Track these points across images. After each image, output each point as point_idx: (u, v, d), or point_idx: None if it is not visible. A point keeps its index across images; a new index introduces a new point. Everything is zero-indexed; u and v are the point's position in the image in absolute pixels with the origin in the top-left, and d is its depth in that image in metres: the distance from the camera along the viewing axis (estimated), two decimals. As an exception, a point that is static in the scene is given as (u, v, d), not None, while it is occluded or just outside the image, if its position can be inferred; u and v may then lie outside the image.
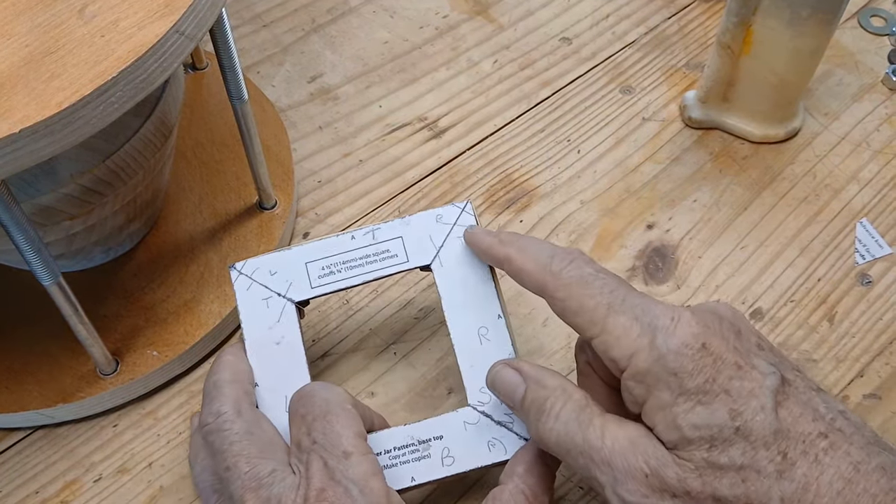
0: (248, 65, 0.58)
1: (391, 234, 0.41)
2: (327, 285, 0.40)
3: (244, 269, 0.41)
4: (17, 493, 0.42)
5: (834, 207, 0.51)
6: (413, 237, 0.41)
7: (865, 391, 0.44)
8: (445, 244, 0.41)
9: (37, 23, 0.33)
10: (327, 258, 0.41)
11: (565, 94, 0.57)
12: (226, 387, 0.37)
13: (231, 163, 0.51)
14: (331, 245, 0.41)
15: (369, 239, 0.41)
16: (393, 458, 0.37)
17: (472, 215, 0.41)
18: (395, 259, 0.41)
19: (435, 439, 0.38)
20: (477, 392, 0.38)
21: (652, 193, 0.52)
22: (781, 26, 0.47)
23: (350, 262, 0.41)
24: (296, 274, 0.40)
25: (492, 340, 0.39)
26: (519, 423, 0.38)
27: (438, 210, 0.41)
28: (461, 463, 0.37)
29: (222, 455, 0.36)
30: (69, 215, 0.39)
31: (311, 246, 0.41)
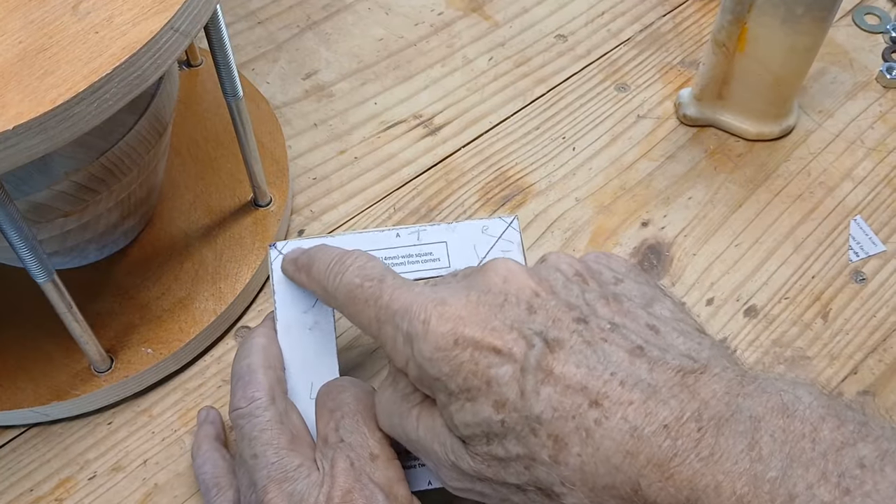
0: (242, 62, 0.58)
1: (437, 237, 0.41)
2: None
3: (284, 249, 0.40)
4: (11, 491, 0.42)
5: (828, 205, 0.51)
6: (457, 244, 0.41)
7: (859, 388, 0.45)
8: (489, 255, 0.40)
9: (30, 19, 0.32)
10: (371, 251, 0.40)
11: (560, 92, 0.57)
12: (260, 372, 0.37)
13: (226, 160, 0.51)
14: (375, 238, 0.41)
15: (414, 239, 0.41)
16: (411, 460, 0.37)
17: (517, 231, 0.41)
18: (437, 262, 0.40)
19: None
20: None
21: (647, 191, 0.52)
22: (776, 24, 0.48)
23: (393, 258, 0.40)
24: None
25: None
26: None
27: (485, 221, 0.41)
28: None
29: (251, 442, 0.35)
30: (63, 212, 0.39)
31: (354, 236, 0.40)
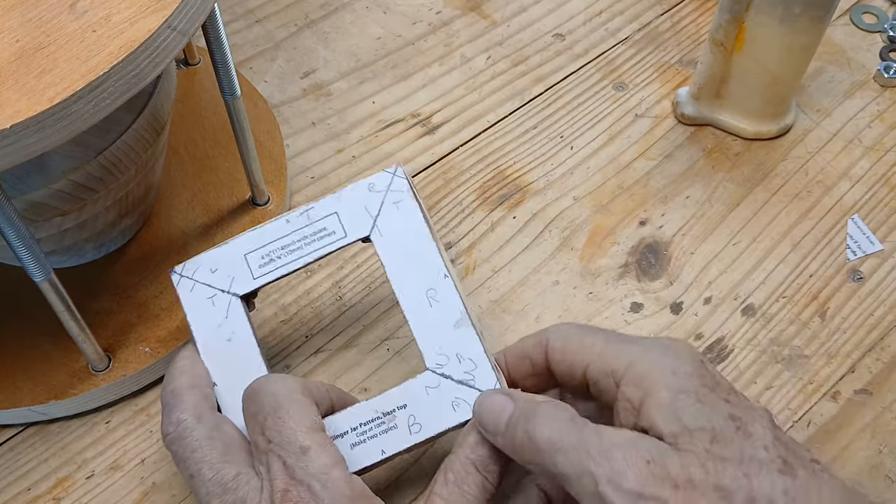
0: (240, 60, 0.58)
1: (325, 211, 0.40)
2: (269, 273, 0.40)
3: (184, 272, 0.40)
4: (9, 489, 0.42)
5: (826, 204, 0.51)
6: (348, 211, 0.40)
7: (856, 386, 0.45)
8: (381, 213, 0.40)
9: (28, 17, 0.32)
10: (265, 246, 0.40)
11: (558, 91, 0.57)
12: (185, 393, 0.37)
13: (223, 159, 0.51)
14: (267, 232, 0.40)
15: (304, 220, 0.40)
16: (361, 435, 0.37)
17: (404, 179, 0.40)
18: (333, 236, 0.40)
19: (399, 409, 0.37)
20: (434, 355, 0.38)
21: (645, 190, 0.52)
22: (774, 23, 0.48)
23: (288, 246, 0.40)
24: (236, 267, 0.40)
25: (440, 301, 0.39)
26: (481, 377, 0.38)
27: (370, 179, 0.40)
28: (428, 428, 0.37)
29: (185, 463, 0.36)
30: (61, 211, 0.39)
31: (247, 236, 0.40)
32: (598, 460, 0.31)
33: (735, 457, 0.31)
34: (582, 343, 0.36)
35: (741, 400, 0.33)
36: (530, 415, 0.34)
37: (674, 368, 0.33)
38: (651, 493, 0.30)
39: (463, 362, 0.38)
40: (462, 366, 0.38)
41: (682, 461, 0.31)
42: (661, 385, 0.32)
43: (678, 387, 0.32)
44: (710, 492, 0.30)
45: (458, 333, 0.38)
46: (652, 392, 0.32)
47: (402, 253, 0.40)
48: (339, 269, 0.49)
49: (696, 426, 0.31)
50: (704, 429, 0.31)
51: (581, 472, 0.32)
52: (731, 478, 0.30)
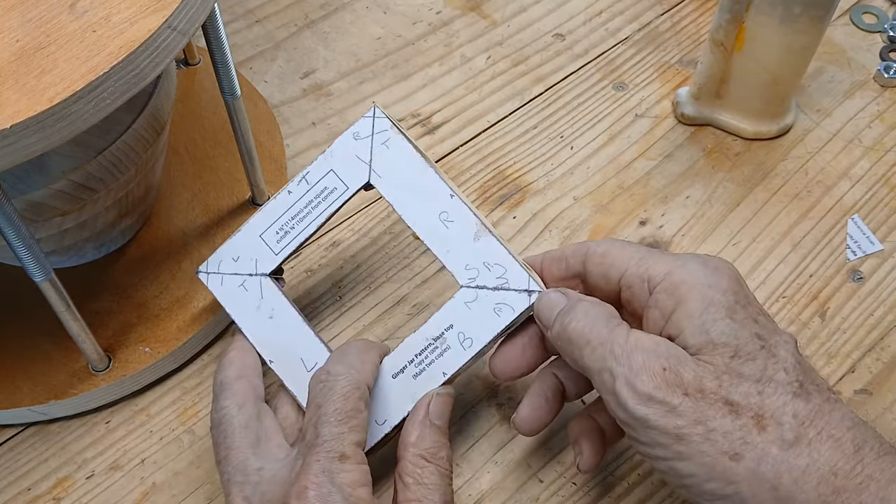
0: (240, 60, 0.58)
1: (321, 171, 0.41)
2: (289, 245, 0.41)
3: (209, 269, 0.42)
4: (9, 489, 0.42)
5: (826, 204, 0.51)
6: (342, 164, 0.41)
7: (857, 386, 0.45)
8: (374, 157, 0.41)
9: (28, 17, 0.32)
10: (276, 221, 0.42)
11: (558, 91, 0.57)
12: (232, 384, 0.39)
13: (223, 159, 0.51)
14: (274, 208, 0.42)
15: (304, 186, 0.41)
16: (419, 365, 0.39)
17: (384, 118, 0.41)
18: (336, 192, 0.41)
19: (447, 330, 0.39)
20: (463, 272, 0.39)
21: (645, 190, 0.52)
22: (774, 23, 0.48)
23: (298, 214, 0.41)
24: (256, 249, 0.41)
25: (454, 220, 0.40)
26: (514, 278, 0.39)
27: (353, 128, 0.41)
28: (480, 340, 0.39)
29: (218, 447, 0.37)
30: (61, 211, 0.39)
31: (256, 218, 0.42)
32: (620, 359, 0.33)
33: (752, 374, 0.32)
34: (623, 251, 0.37)
35: (770, 323, 0.34)
36: (570, 308, 0.36)
37: (710, 282, 0.34)
38: (661, 398, 0.32)
39: (493, 269, 0.39)
40: (493, 272, 0.39)
41: (698, 371, 0.32)
42: (694, 295, 0.33)
43: (711, 299, 0.33)
44: (719, 403, 0.31)
45: (480, 245, 0.39)
46: (684, 301, 0.34)
47: (405, 187, 0.40)
48: (339, 269, 0.49)
49: (720, 340, 0.32)
50: (728, 344, 0.32)
51: (602, 367, 0.34)
52: (742, 394, 0.31)
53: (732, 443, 0.31)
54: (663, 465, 0.32)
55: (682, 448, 0.31)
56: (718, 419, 0.31)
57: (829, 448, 0.31)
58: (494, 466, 0.42)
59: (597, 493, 0.41)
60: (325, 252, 0.50)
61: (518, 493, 0.41)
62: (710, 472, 0.31)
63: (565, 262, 0.39)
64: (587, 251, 0.38)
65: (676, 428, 0.31)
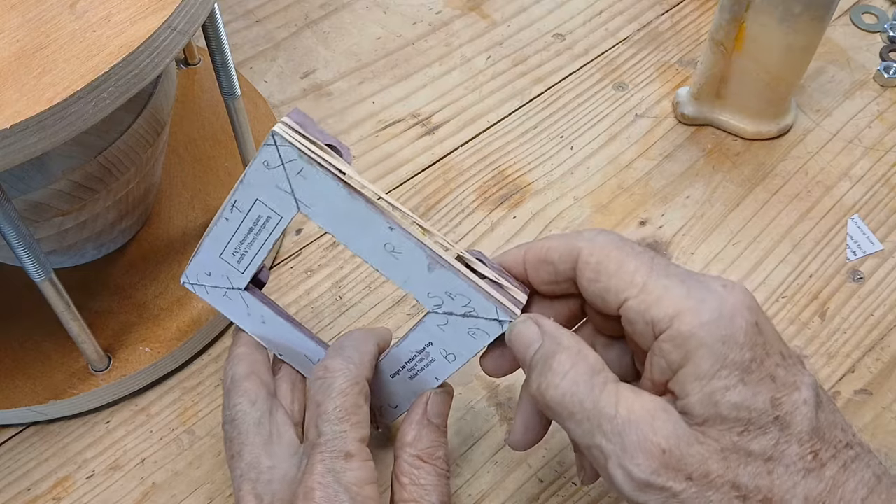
0: (240, 60, 0.58)
1: (248, 200, 0.37)
2: (251, 264, 0.39)
3: (189, 280, 0.40)
4: (9, 489, 0.42)
5: (826, 204, 0.51)
6: (265, 194, 0.37)
7: (856, 387, 0.45)
8: (294, 187, 0.36)
9: (28, 17, 0.32)
10: (227, 245, 0.38)
11: (558, 91, 0.57)
12: (243, 381, 0.38)
13: (223, 159, 0.51)
14: (219, 234, 0.38)
15: (238, 214, 0.37)
16: (412, 370, 0.39)
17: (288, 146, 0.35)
18: (271, 221, 0.37)
19: (428, 346, 0.38)
20: (427, 299, 0.37)
21: (645, 190, 0.52)
22: (773, 23, 0.48)
23: (246, 238, 0.38)
24: (222, 268, 0.39)
25: (402, 252, 0.36)
26: (481, 308, 0.36)
27: (261, 155, 0.36)
28: (462, 356, 0.38)
29: (231, 443, 0.37)
30: (61, 211, 0.39)
31: (207, 242, 0.39)
32: (610, 437, 0.29)
33: (763, 453, 0.29)
34: (621, 267, 0.31)
35: (790, 369, 0.30)
36: (545, 366, 0.31)
37: (724, 336, 0.29)
38: (661, 484, 0.29)
39: (456, 299, 0.36)
40: (457, 301, 0.36)
41: (703, 453, 0.29)
42: (704, 354, 0.29)
43: (724, 360, 0.29)
44: (725, 487, 0.29)
45: (435, 276, 0.36)
46: (693, 359, 0.29)
47: (338, 218, 0.36)
48: (339, 269, 0.49)
49: (731, 415, 0.29)
50: (739, 419, 0.29)
51: (591, 444, 0.30)
52: (750, 475, 0.28)
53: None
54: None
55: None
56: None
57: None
58: (494, 466, 0.42)
59: (597, 493, 0.41)
60: (325, 252, 0.50)
61: (518, 493, 0.41)
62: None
63: (553, 266, 0.34)
64: (578, 259, 0.33)
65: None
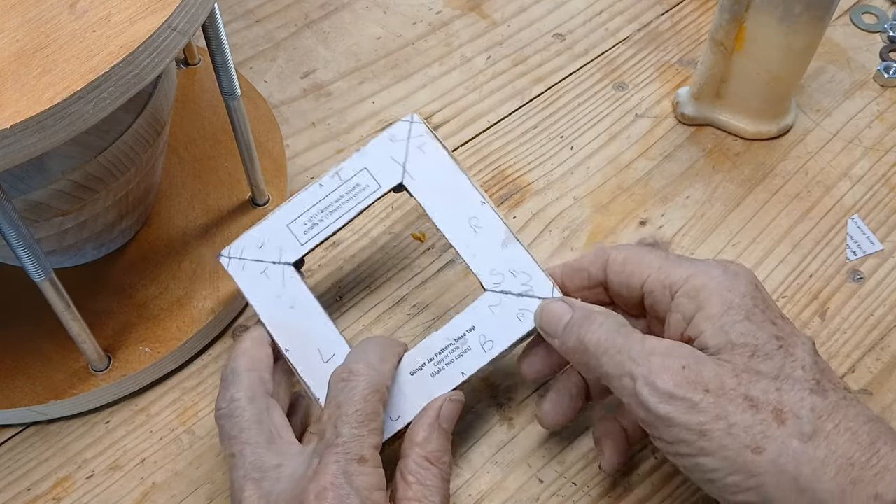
0: (240, 60, 0.58)
1: (355, 168, 0.42)
2: (315, 237, 0.42)
3: (232, 253, 0.42)
4: (9, 489, 0.42)
5: (826, 204, 0.51)
6: (376, 164, 0.42)
7: (857, 386, 0.45)
8: (408, 159, 0.42)
9: (28, 17, 0.32)
10: (305, 212, 0.42)
11: (558, 91, 0.57)
12: (242, 374, 0.38)
13: (223, 159, 0.51)
14: (304, 200, 0.42)
15: (337, 181, 0.42)
16: (438, 364, 0.39)
17: (421, 123, 0.43)
18: (367, 190, 0.42)
19: (469, 332, 0.40)
20: (488, 276, 0.41)
21: (645, 190, 0.52)
22: (773, 23, 0.48)
23: (327, 208, 0.42)
24: (282, 238, 0.41)
25: (483, 226, 0.41)
26: (538, 286, 0.40)
27: (390, 130, 0.42)
28: (500, 343, 0.40)
29: (230, 441, 0.37)
30: (60, 211, 0.39)
31: (285, 208, 0.42)
32: (639, 362, 0.34)
33: (771, 372, 0.33)
34: (642, 259, 0.38)
35: (788, 325, 0.35)
36: (584, 320, 0.37)
37: (729, 286, 0.35)
38: (682, 395, 0.33)
39: (518, 276, 0.40)
40: (518, 279, 0.40)
41: (718, 370, 0.33)
42: (714, 299, 0.35)
43: (730, 302, 0.35)
44: (739, 399, 0.32)
45: (507, 251, 0.41)
46: (705, 305, 0.35)
47: (437, 191, 0.42)
48: (339, 269, 0.49)
49: (739, 341, 0.34)
50: (747, 344, 0.34)
51: (622, 372, 0.35)
52: (761, 390, 0.33)
53: (754, 437, 0.32)
54: (687, 461, 0.33)
55: (704, 444, 0.32)
56: (739, 414, 0.32)
57: (846, 440, 0.32)
58: (494, 466, 0.42)
59: (597, 494, 0.41)
60: (325, 252, 0.50)
61: (518, 493, 0.41)
62: (732, 465, 0.32)
63: (586, 272, 0.40)
64: (607, 260, 0.39)
65: (699, 424, 0.32)
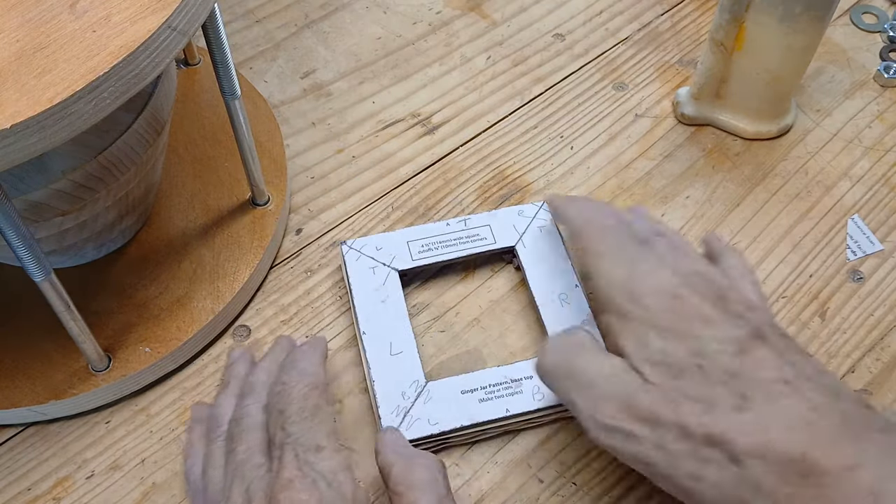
0: (240, 60, 0.58)
1: (480, 222, 0.48)
2: (426, 259, 0.47)
3: (354, 245, 0.47)
4: (9, 489, 0.42)
5: (826, 204, 0.51)
6: (499, 225, 0.48)
7: (857, 387, 0.45)
8: (527, 232, 0.48)
9: (28, 17, 0.32)
10: (426, 238, 0.47)
11: (558, 91, 0.57)
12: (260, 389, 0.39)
13: (223, 159, 0.51)
14: (430, 229, 0.48)
15: (462, 226, 0.48)
16: (489, 393, 0.42)
17: (547, 212, 0.48)
18: (484, 241, 0.48)
19: (526, 378, 0.43)
20: None
21: (645, 190, 0.52)
22: (773, 23, 0.48)
23: (445, 242, 0.47)
24: (399, 249, 0.47)
25: (571, 304, 0.45)
26: None
27: (520, 206, 0.49)
28: (550, 398, 0.42)
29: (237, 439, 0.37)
30: (61, 211, 0.39)
31: (412, 229, 0.48)
32: (583, 392, 0.36)
33: (696, 393, 0.33)
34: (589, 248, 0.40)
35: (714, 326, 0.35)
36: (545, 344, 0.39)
37: (648, 303, 0.36)
38: (621, 427, 0.34)
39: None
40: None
41: (651, 399, 0.34)
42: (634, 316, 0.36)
43: (649, 321, 0.35)
44: (674, 429, 0.33)
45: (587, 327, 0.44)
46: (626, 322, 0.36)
47: (541, 264, 0.47)
48: (339, 269, 0.49)
49: (658, 359, 0.34)
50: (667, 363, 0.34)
51: (568, 399, 0.37)
52: (692, 414, 0.33)
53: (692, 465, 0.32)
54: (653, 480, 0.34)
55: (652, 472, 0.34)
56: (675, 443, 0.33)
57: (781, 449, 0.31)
58: (494, 466, 0.42)
59: (597, 493, 0.41)
60: (325, 252, 0.50)
61: (518, 493, 0.41)
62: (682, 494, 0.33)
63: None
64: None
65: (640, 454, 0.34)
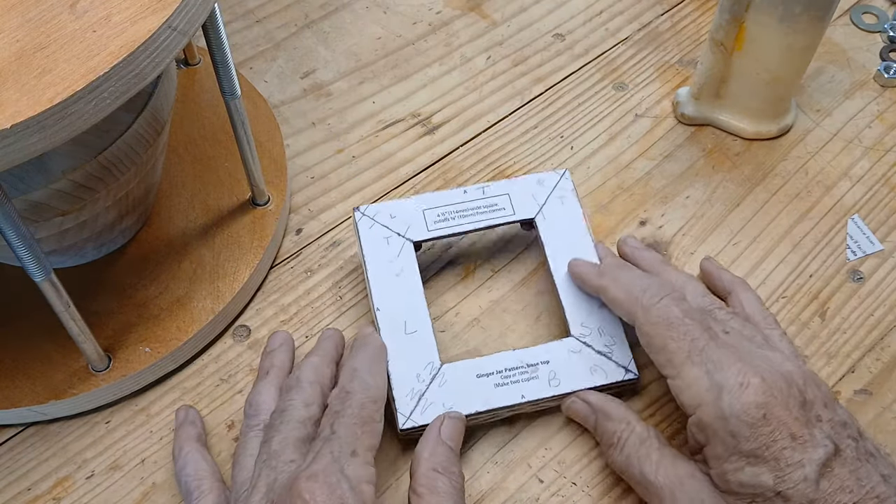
0: (240, 60, 0.58)
1: (500, 190, 0.46)
2: (442, 229, 0.45)
3: (367, 212, 0.45)
4: (9, 489, 0.42)
5: (826, 204, 0.51)
6: (518, 196, 0.46)
7: (857, 387, 0.45)
8: (547, 203, 0.46)
9: (28, 17, 0.32)
10: (442, 207, 0.45)
11: (558, 91, 0.57)
12: (306, 385, 0.40)
13: (223, 159, 0.51)
14: (446, 196, 0.46)
15: (479, 194, 0.46)
16: (504, 378, 0.42)
17: (569, 180, 0.47)
18: (503, 212, 0.46)
19: (542, 363, 0.42)
20: (579, 325, 0.43)
21: (645, 190, 0.52)
22: (773, 23, 0.48)
23: (462, 211, 0.45)
24: (414, 218, 0.45)
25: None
26: (618, 351, 0.42)
27: (540, 175, 0.47)
28: (566, 384, 0.42)
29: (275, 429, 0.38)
30: (61, 211, 0.39)
31: (427, 196, 0.46)
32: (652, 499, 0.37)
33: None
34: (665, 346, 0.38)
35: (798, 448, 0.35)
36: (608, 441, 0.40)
37: (732, 432, 0.35)
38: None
39: (604, 336, 0.43)
40: (603, 339, 0.43)
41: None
42: (718, 443, 0.36)
43: (733, 448, 0.35)
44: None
45: (604, 312, 0.43)
46: (711, 443, 0.36)
47: (561, 238, 0.45)
48: (339, 269, 0.49)
49: (738, 490, 0.35)
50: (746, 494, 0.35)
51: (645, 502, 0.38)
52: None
53: None
54: None
55: None
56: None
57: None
58: (494, 466, 0.42)
59: (597, 493, 0.41)
60: (325, 252, 0.50)
61: (518, 493, 0.41)
62: None
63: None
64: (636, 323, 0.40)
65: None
